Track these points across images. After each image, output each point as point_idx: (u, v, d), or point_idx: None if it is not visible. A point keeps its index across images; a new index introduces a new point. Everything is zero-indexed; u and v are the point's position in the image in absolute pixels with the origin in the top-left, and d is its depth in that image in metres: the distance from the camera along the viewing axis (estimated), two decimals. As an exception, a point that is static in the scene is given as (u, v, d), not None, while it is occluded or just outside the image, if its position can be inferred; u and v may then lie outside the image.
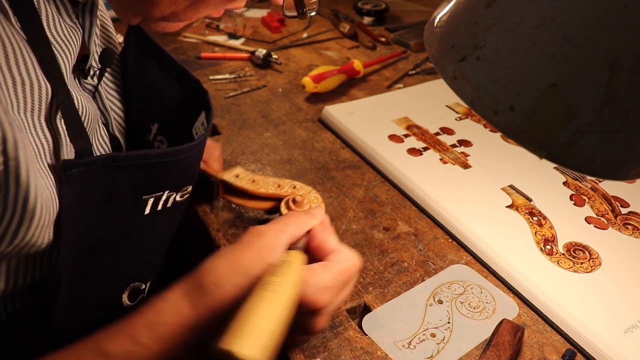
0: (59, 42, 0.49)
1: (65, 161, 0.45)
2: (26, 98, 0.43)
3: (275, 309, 0.41)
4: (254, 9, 1.27)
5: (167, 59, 0.64)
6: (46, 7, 0.48)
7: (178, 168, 0.52)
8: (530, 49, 0.31)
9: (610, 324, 0.55)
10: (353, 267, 0.50)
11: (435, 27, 0.37)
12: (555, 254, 0.62)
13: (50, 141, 0.46)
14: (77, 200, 0.46)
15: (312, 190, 0.66)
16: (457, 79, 0.34)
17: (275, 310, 0.41)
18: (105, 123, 0.61)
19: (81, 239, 0.49)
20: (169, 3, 0.47)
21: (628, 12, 0.28)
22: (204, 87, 0.59)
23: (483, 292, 0.59)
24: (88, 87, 0.58)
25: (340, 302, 0.51)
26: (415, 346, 0.53)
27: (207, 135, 0.56)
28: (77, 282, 0.51)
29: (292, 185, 0.67)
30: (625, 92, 0.30)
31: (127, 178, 0.48)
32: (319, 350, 0.52)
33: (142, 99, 0.67)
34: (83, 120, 0.51)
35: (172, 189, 0.53)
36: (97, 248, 0.51)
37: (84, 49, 0.55)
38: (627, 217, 0.69)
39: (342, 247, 0.52)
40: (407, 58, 1.10)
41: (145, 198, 0.51)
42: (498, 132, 0.83)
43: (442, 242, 0.65)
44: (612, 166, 0.32)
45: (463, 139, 0.82)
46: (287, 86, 0.97)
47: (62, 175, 0.44)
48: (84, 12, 0.53)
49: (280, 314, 0.41)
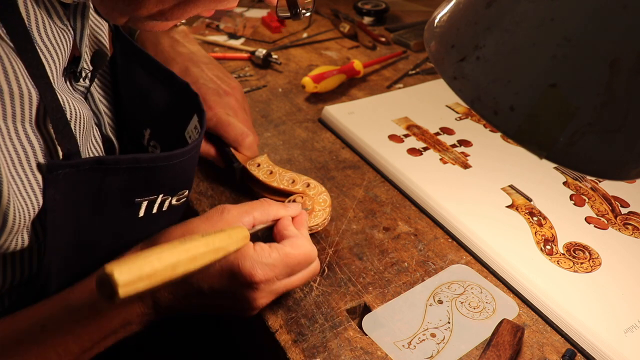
0: (47, 45, 0.49)
1: (50, 162, 0.45)
2: (5, 105, 0.43)
3: (175, 254, 0.43)
4: (254, 9, 1.27)
5: (153, 63, 0.63)
6: (35, 10, 0.48)
7: (171, 173, 0.52)
8: (530, 49, 0.31)
9: (610, 324, 0.55)
10: (302, 254, 0.53)
11: (435, 27, 0.37)
12: (555, 254, 0.62)
13: (38, 145, 0.46)
14: (64, 201, 0.46)
15: (325, 191, 0.66)
16: (457, 79, 0.34)
17: (173, 255, 0.43)
18: (97, 124, 0.61)
19: (69, 238, 0.49)
20: (156, 2, 0.46)
21: (628, 12, 0.28)
22: (194, 90, 0.59)
23: (483, 292, 0.59)
24: (80, 89, 0.57)
25: (287, 286, 0.53)
26: (415, 346, 0.53)
27: (200, 140, 0.56)
28: (67, 281, 0.51)
29: (306, 183, 0.67)
30: (625, 92, 0.30)
31: (117, 181, 0.49)
32: (319, 350, 0.52)
33: (133, 104, 0.67)
34: (72, 123, 0.51)
35: (167, 192, 0.53)
36: (87, 248, 0.51)
37: (75, 50, 0.55)
38: (627, 217, 0.69)
39: (300, 237, 0.54)
40: (407, 58, 1.10)
41: (138, 201, 0.51)
42: (498, 132, 0.83)
43: (442, 242, 0.65)
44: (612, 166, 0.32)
45: (463, 139, 0.82)
46: (287, 86, 0.97)
47: (48, 176, 0.44)
48: (75, 14, 0.53)
49: (177, 260, 0.42)
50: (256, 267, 0.50)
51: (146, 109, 0.65)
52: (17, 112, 0.44)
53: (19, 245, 0.46)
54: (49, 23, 0.49)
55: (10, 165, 0.43)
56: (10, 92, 0.43)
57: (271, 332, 0.54)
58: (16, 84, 0.44)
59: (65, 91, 0.53)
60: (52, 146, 0.48)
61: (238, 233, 0.50)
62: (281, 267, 0.51)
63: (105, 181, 0.48)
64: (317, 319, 0.55)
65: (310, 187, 0.67)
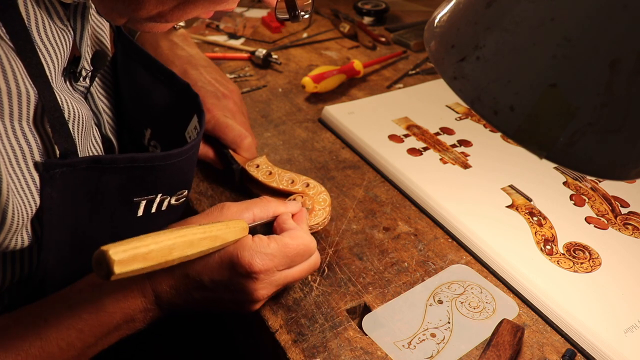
0: (47, 45, 0.49)
1: (47, 161, 0.46)
2: (2, 104, 0.43)
3: (171, 238, 0.44)
4: (254, 9, 1.27)
5: (155, 64, 0.64)
6: (35, 10, 0.48)
7: (169, 172, 0.52)
8: (530, 49, 0.31)
9: (610, 324, 0.55)
10: (301, 244, 0.53)
11: (435, 27, 0.37)
12: (555, 254, 0.62)
13: (35, 144, 0.47)
14: (61, 200, 0.47)
15: (324, 191, 0.66)
16: (457, 79, 0.34)
17: (169, 238, 0.43)
18: (97, 124, 0.61)
19: (66, 237, 0.49)
20: (156, 3, 0.46)
21: (628, 12, 0.28)
22: (194, 91, 0.59)
23: (483, 292, 0.59)
24: (80, 89, 0.58)
25: (287, 278, 0.53)
26: (415, 346, 0.53)
27: (199, 140, 0.56)
28: (65, 279, 0.51)
29: (306, 183, 0.67)
30: (625, 92, 0.30)
31: (114, 180, 0.49)
32: (319, 350, 0.52)
33: (134, 104, 0.67)
34: (71, 123, 0.51)
35: (166, 192, 0.54)
36: (86, 247, 0.51)
37: (75, 50, 0.55)
38: (627, 217, 0.69)
39: (299, 229, 0.55)
40: (407, 58, 1.10)
41: (136, 200, 0.51)
42: (498, 132, 0.83)
43: (442, 242, 0.65)
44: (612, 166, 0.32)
45: (463, 139, 0.82)
46: (287, 86, 0.97)
47: (45, 174, 0.45)
48: (75, 14, 0.53)
49: (174, 243, 0.43)
50: (255, 256, 0.50)
51: (147, 108, 0.65)
52: (15, 111, 0.44)
53: (18, 244, 0.46)
54: (49, 23, 0.49)
55: (8, 164, 0.44)
56: (9, 90, 0.43)
57: (271, 332, 0.54)
58: (14, 82, 0.44)
59: (65, 91, 0.53)
60: (50, 145, 0.48)
61: (236, 224, 0.50)
62: (280, 257, 0.51)
63: (102, 180, 0.48)
64: (317, 319, 0.55)
65: (309, 186, 0.67)
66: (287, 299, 0.57)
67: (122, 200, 0.51)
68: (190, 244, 0.45)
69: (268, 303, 0.56)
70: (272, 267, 0.51)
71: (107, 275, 0.39)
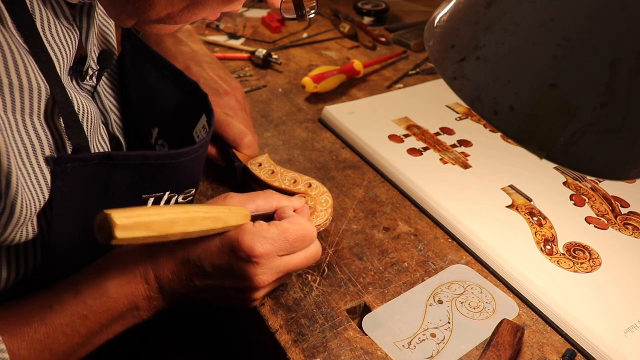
0: (53, 44, 0.49)
1: (59, 155, 0.46)
2: (14, 99, 0.43)
3: (174, 212, 0.44)
4: (254, 9, 1.27)
5: (164, 63, 0.64)
6: (41, 10, 0.48)
7: (178, 170, 0.53)
8: (530, 49, 0.31)
9: (610, 324, 0.55)
10: (301, 230, 0.53)
11: (435, 27, 0.37)
12: (555, 254, 0.62)
13: (46, 138, 0.47)
14: (70, 194, 0.47)
15: (327, 192, 0.66)
16: (457, 79, 0.34)
17: (172, 212, 0.44)
18: (104, 122, 0.62)
19: (74, 231, 0.50)
20: (165, 4, 0.47)
21: (628, 12, 0.28)
22: (204, 90, 0.59)
23: (483, 292, 0.59)
24: (86, 88, 0.58)
25: (288, 264, 0.53)
26: (415, 346, 0.53)
27: (208, 139, 0.56)
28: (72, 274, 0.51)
29: (308, 183, 0.67)
30: (625, 92, 0.30)
31: (124, 177, 0.49)
32: (319, 350, 0.52)
33: (142, 103, 0.67)
34: (80, 119, 0.51)
35: (174, 190, 0.54)
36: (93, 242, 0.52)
37: (81, 49, 0.55)
38: (627, 217, 0.69)
39: (299, 216, 0.55)
40: (407, 58, 1.10)
41: (144, 197, 0.52)
42: (498, 132, 0.83)
43: (442, 242, 0.65)
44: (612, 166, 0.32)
45: (463, 139, 0.82)
46: (287, 86, 0.97)
47: (56, 169, 0.45)
48: (81, 14, 0.54)
49: (176, 217, 0.44)
50: (255, 240, 0.50)
51: (155, 107, 0.66)
52: (26, 105, 0.45)
53: (23, 237, 0.46)
54: (55, 22, 0.50)
55: (18, 158, 0.44)
56: (20, 85, 0.43)
57: (271, 332, 0.54)
58: (26, 77, 0.44)
59: (72, 89, 0.53)
60: (60, 140, 0.48)
61: (239, 210, 0.51)
62: (280, 242, 0.51)
63: (113, 177, 0.49)
64: (317, 319, 0.55)
65: (312, 187, 0.67)
66: (287, 299, 0.57)
67: (131, 197, 0.51)
68: (192, 221, 0.45)
69: (268, 303, 0.56)
70: (272, 251, 0.51)
71: (108, 239, 0.39)
